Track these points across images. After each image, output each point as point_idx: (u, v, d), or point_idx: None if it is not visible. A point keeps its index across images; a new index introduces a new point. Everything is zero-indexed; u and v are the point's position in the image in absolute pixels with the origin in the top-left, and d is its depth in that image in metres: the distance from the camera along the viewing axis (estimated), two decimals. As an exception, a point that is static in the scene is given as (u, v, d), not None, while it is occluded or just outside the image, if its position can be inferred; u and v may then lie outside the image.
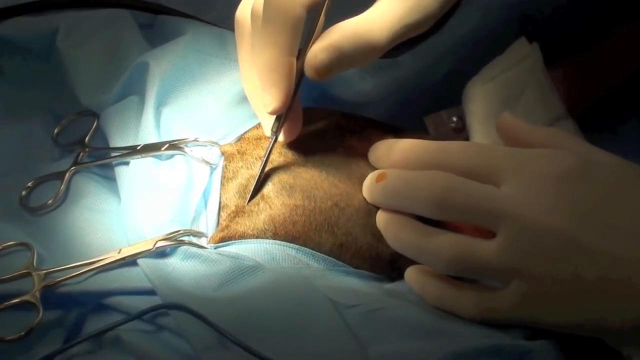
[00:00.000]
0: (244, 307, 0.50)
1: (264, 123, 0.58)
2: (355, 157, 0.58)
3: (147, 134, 0.59)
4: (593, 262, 0.47)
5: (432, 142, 0.54)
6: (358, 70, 0.67)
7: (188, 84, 0.61)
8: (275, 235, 0.54)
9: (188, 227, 0.55)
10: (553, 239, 0.47)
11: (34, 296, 0.50)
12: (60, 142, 0.63)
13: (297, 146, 0.58)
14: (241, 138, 0.60)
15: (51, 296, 0.51)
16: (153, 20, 0.69)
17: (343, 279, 0.54)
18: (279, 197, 0.55)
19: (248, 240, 0.55)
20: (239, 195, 0.56)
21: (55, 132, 0.63)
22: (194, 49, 0.62)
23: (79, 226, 0.56)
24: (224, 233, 0.55)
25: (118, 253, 0.53)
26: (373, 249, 0.55)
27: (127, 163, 0.58)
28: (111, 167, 0.60)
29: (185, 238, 0.54)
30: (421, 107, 0.67)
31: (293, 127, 0.57)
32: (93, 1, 0.69)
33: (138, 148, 0.58)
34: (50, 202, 0.57)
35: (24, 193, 0.58)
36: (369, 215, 0.55)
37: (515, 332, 0.50)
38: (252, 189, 0.56)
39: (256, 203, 0.56)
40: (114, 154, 0.59)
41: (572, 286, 0.47)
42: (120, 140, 0.60)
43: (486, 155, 0.52)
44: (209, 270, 0.52)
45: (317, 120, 0.60)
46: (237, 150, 0.59)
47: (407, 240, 0.52)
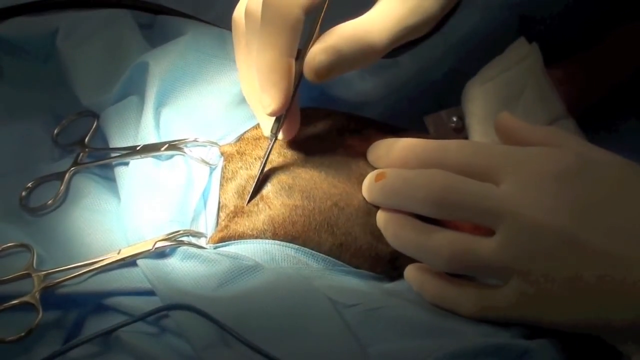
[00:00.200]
0: (244, 307, 0.50)
1: (263, 124, 0.58)
2: (354, 157, 0.58)
3: (147, 135, 0.59)
4: (592, 262, 0.47)
5: (431, 141, 0.54)
6: (358, 70, 0.67)
7: (188, 84, 0.62)
8: (274, 235, 0.54)
9: (187, 228, 0.55)
10: (552, 238, 0.47)
11: (34, 297, 0.50)
12: (60, 143, 0.63)
13: (296, 146, 0.58)
14: (241, 138, 0.60)
15: (51, 297, 0.51)
16: (153, 20, 0.70)
17: (343, 279, 0.54)
18: (278, 198, 0.55)
19: (247, 240, 0.55)
20: (238, 195, 0.56)
21: (55, 133, 0.63)
22: (194, 49, 0.62)
23: (79, 227, 0.56)
24: (223, 233, 0.55)
25: (117, 254, 0.53)
26: (373, 249, 0.55)
27: (127, 163, 0.58)
28: (111, 168, 0.60)
29: (184, 238, 0.54)
30: (421, 107, 0.67)
31: (291, 127, 0.57)
32: (93, 1, 0.69)
33: (138, 148, 0.58)
34: (50, 203, 0.58)
35: (24, 194, 0.58)
36: (369, 214, 0.55)
37: (514, 331, 0.50)
38: (252, 190, 0.56)
39: (255, 203, 0.56)
40: (114, 155, 0.59)
41: (572, 285, 0.47)
42: (120, 140, 0.60)
43: (485, 153, 0.52)
44: (209, 270, 0.52)
45: (317, 120, 0.60)
46: (237, 150, 0.59)
47: (407, 238, 0.53)
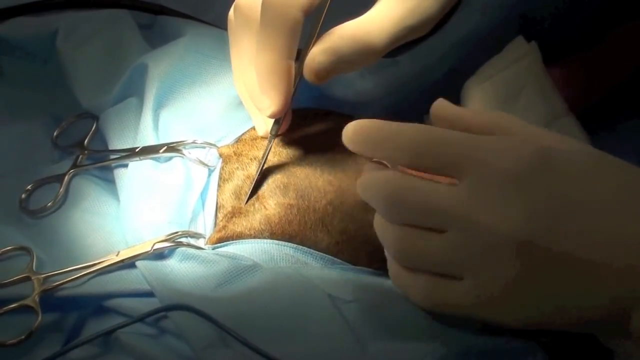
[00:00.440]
0: (243, 307, 0.50)
1: (257, 124, 0.58)
2: (350, 154, 0.58)
3: (146, 136, 0.59)
4: (549, 265, 0.45)
5: (386, 125, 0.49)
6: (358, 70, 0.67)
7: (187, 86, 0.62)
8: (272, 234, 0.55)
9: (186, 229, 0.55)
10: (506, 246, 0.45)
11: (34, 300, 0.51)
12: (59, 144, 0.63)
13: (292, 145, 0.58)
14: (239, 140, 0.60)
15: (50, 300, 0.51)
16: (153, 20, 0.70)
17: (342, 276, 0.54)
18: (273, 197, 0.55)
19: (245, 240, 0.55)
20: (236, 196, 0.57)
21: (55, 135, 0.63)
22: (193, 51, 0.62)
23: (79, 229, 0.56)
24: (222, 234, 0.55)
25: (116, 255, 0.53)
26: (369, 245, 0.54)
27: (126, 165, 0.59)
28: (110, 170, 0.60)
29: (183, 239, 0.54)
30: (421, 107, 0.66)
31: (282, 125, 0.57)
32: (93, 1, 0.69)
33: (137, 150, 0.58)
34: (49, 205, 0.58)
35: (24, 196, 0.58)
36: (365, 211, 0.55)
37: (510, 333, 0.50)
38: (250, 190, 0.56)
39: (252, 203, 0.56)
40: (113, 156, 0.59)
41: (528, 289, 0.45)
42: (119, 142, 0.60)
43: (439, 143, 0.47)
44: (207, 270, 0.52)
45: (313, 120, 0.61)
46: (234, 151, 0.59)
47: (376, 229, 0.51)
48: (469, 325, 0.50)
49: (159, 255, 0.53)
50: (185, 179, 0.57)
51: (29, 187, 0.59)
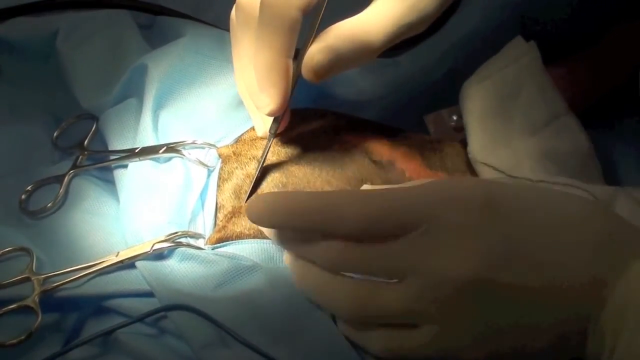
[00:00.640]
0: (242, 307, 0.50)
1: (256, 123, 0.59)
2: (349, 152, 0.58)
3: (145, 137, 0.59)
4: (505, 304, 0.46)
5: (324, 204, 0.48)
6: (359, 69, 0.67)
7: (186, 87, 0.62)
8: (271, 234, 0.55)
9: (185, 229, 0.55)
10: (463, 288, 0.45)
11: (33, 301, 0.51)
12: (59, 145, 0.63)
13: (291, 145, 0.59)
14: (238, 140, 0.60)
15: (50, 300, 0.51)
16: (153, 20, 0.70)
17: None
18: None
19: (245, 240, 0.55)
20: (235, 195, 0.57)
21: (54, 135, 0.63)
22: (193, 51, 0.62)
23: (79, 230, 0.56)
24: (221, 234, 0.55)
25: (116, 256, 0.53)
26: None
27: (126, 166, 0.59)
28: (110, 170, 0.60)
29: (182, 240, 0.54)
30: (421, 107, 0.67)
31: (281, 124, 0.57)
32: (93, 1, 0.69)
33: (136, 151, 0.58)
34: (49, 206, 0.58)
35: (24, 197, 0.59)
36: None
37: None
38: (249, 189, 0.56)
39: (251, 203, 0.56)
40: (113, 157, 0.59)
41: (486, 325, 0.46)
42: (118, 143, 0.60)
43: (387, 211, 0.47)
44: (207, 271, 0.53)
45: (311, 119, 0.61)
46: (233, 152, 0.59)
47: (309, 283, 0.50)
48: None
49: (159, 255, 0.53)
50: (184, 180, 0.57)
51: (29, 188, 0.59)
